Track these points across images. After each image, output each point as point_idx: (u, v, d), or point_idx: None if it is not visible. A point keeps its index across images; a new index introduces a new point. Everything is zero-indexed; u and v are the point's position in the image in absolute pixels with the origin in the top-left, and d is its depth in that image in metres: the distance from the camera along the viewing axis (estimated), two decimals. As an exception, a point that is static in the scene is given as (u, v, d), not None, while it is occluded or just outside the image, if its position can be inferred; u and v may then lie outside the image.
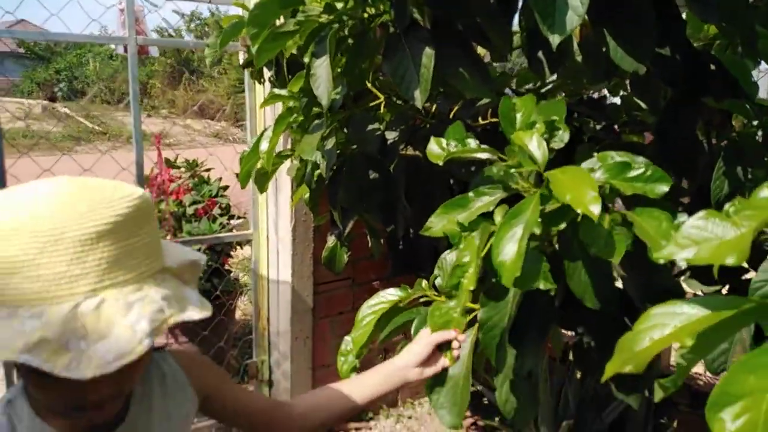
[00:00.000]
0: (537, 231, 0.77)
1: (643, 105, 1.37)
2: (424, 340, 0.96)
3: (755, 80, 1.28)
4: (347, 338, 1.08)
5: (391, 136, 1.34)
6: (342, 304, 2.35)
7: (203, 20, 16.65)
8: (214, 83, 14.78)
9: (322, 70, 0.97)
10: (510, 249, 0.76)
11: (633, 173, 0.82)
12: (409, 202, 1.35)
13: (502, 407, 0.98)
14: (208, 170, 2.84)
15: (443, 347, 0.97)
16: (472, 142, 0.95)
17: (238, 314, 3.14)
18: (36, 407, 0.71)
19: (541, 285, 0.79)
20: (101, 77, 17.39)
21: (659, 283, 0.90)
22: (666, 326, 0.48)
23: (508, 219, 0.78)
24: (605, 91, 1.59)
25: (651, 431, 2.00)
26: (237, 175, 1.41)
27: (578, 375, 1.92)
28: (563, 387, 1.91)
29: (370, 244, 1.67)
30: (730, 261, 0.44)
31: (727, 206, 0.49)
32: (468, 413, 2.47)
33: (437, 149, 0.97)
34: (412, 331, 1.02)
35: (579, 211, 0.73)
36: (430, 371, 0.97)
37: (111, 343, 0.57)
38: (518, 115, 0.93)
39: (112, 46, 15.71)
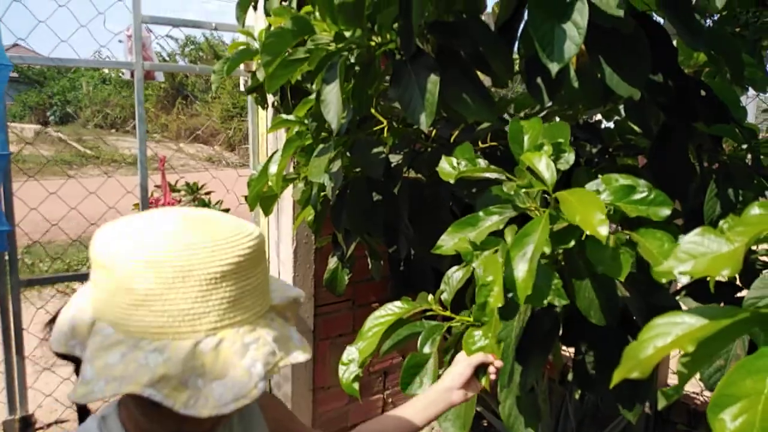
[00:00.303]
0: (547, 250, 0.80)
1: (636, 129, 1.42)
2: (464, 362, 0.97)
3: (743, 105, 1.34)
4: (350, 348, 1.09)
5: (394, 159, 1.38)
6: (342, 326, 2.36)
7: (197, 45, 16.77)
8: (207, 108, 14.86)
9: (332, 95, 1.01)
10: (522, 268, 0.79)
11: (637, 196, 0.85)
12: (411, 224, 1.38)
13: (506, 421, 1.01)
14: (208, 193, 2.87)
15: (479, 372, 0.98)
16: (482, 162, 0.98)
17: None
18: (128, 425, 0.72)
19: (556, 301, 0.82)
20: (94, 101, 17.41)
21: (659, 302, 0.94)
22: (668, 335, 0.51)
23: (519, 238, 0.81)
24: (599, 116, 1.65)
25: (649, 450, 2.02)
26: (246, 197, 1.45)
27: (577, 395, 1.94)
28: (563, 407, 1.93)
29: (370, 266, 1.70)
30: (725, 273, 0.48)
31: (721, 223, 0.53)
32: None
33: (449, 168, 1.00)
34: (419, 345, 1.05)
35: (588, 232, 0.75)
36: (472, 393, 0.98)
37: (227, 385, 0.58)
38: (526, 137, 0.96)
39: (106, 71, 15.77)
